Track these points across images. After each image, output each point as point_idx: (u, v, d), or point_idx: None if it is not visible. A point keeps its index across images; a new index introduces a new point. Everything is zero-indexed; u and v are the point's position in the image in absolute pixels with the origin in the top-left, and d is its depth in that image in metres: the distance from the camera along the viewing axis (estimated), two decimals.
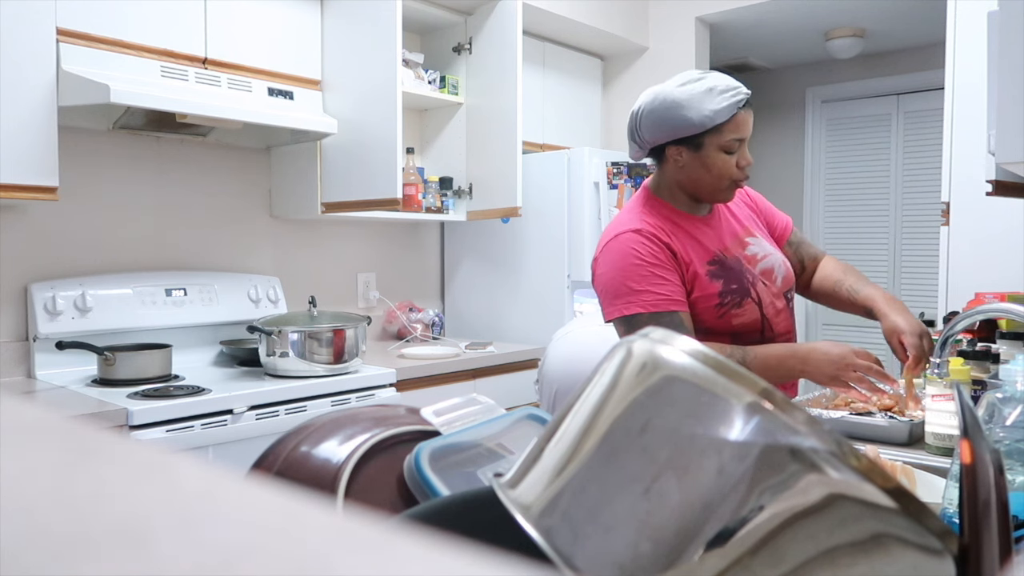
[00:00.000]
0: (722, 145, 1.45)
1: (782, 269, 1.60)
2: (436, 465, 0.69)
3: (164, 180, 2.45)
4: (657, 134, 1.48)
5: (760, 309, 1.51)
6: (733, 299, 1.49)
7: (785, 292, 1.59)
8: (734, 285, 1.50)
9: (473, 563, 0.18)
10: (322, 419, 0.75)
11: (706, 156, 1.46)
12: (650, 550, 0.42)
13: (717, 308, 1.48)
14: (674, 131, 1.46)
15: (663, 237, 1.48)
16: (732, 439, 0.44)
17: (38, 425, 0.25)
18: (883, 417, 1.30)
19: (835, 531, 0.42)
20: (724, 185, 1.50)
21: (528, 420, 0.80)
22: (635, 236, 1.48)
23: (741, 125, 1.44)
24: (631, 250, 1.47)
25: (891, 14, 3.75)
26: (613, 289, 1.48)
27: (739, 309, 1.49)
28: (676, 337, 0.50)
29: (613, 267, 1.49)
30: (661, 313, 1.43)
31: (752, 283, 1.52)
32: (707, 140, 1.45)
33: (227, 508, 0.20)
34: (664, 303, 1.44)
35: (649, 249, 1.46)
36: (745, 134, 1.46)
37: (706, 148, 1.46)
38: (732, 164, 1.47)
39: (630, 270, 1.46)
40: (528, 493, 0.49)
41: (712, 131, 1.43)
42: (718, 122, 1.42)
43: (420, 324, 3.01)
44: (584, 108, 3.69)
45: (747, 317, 1.49)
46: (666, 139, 1.47)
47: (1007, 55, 1.39)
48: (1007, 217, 2.56)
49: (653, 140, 1.49)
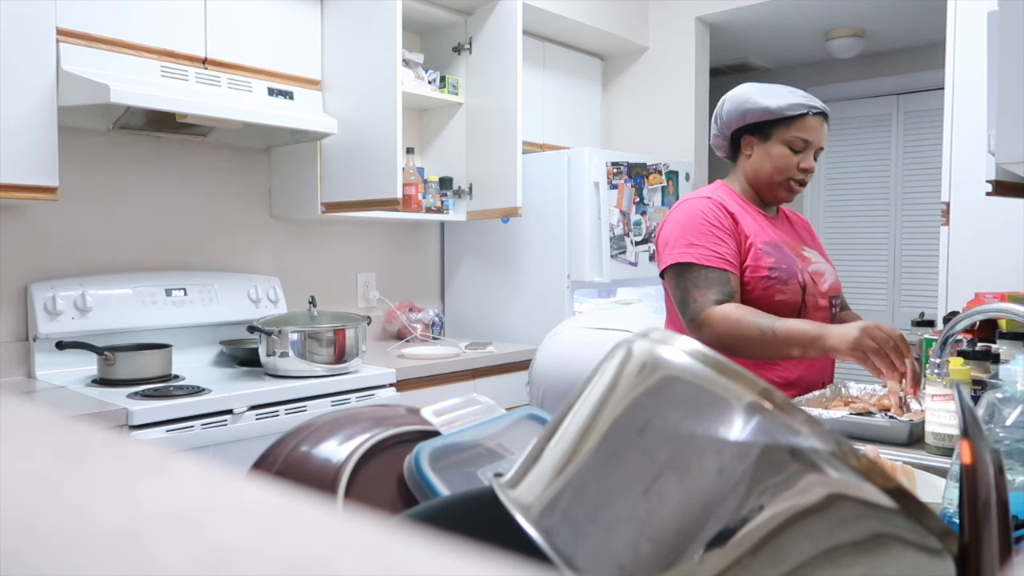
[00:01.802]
0: (787, 140, 1.57)
1: (831, 277, 1.68)
2: (436, 465, 0.69)
3: (164, 180, 2.45)
4: (733, 119, 1.61)
5: (803, 294, 1.58)
6: (781, 276, 1.56)
7: (831, 297, 1.65)
8: (784, 265, 1.58)
9: (473, 563, 0.18)
10: (322, 419, 0.75)
11: (771, 147, 1.59)
12: (650, 550, 0.42)
13: (764, 280, 1.55)
14: (746, 115, 1.59)
15: (730, 208, 1.58)
16: (732, 439, 0.44)
17: (38, 425, 0.25)
18: (883, 417, 1.30)
19: (835, 531, 0.42)
20: (781, 180, 1.60)
21: (528, 420, 0.80)
22: (704, 201, 1.59)
23: (810, 128, 1.57)
24: (698, 211, 1.57)
25: (891, 14, 3.75)
26: (672, 240, 1.57)
27: (784, 286, 1.56)
28: (676, 337, 0.50)
29: (676, 223, 1.58)
30: (711, 268, 1.52)
31: (801, 271, 1.60)
32: (775, 131, 1.58)
33: (227, 508, 0.20)
34: (717, 260, 1.52)
35: (715, 213, 1.56)
36: (811, 137, 1.58)
37: (773, 139, 1.58)
38: (793, 162, 1.59)
39: (693, 226, 1.55)
40: (528, 493, 0.49)
41: (781, 123, 1.56)
42: (787, 114, 1.56)
43: (420, 324, 3.01)
44: (584, 108, 3.69)
45: (789, 295, 1.56)
46: (740, 123, 1.60)
47: (1007, 55, 1.39)
48: (1007, 217, 2.56)
49: (729, 124, 1.62)
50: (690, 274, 1.52)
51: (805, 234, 1.77)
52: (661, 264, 1.59)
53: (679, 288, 1.54)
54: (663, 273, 1.59)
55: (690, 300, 1.51)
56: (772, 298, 1.55)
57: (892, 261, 4.58)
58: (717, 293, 1.49)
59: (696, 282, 1.51)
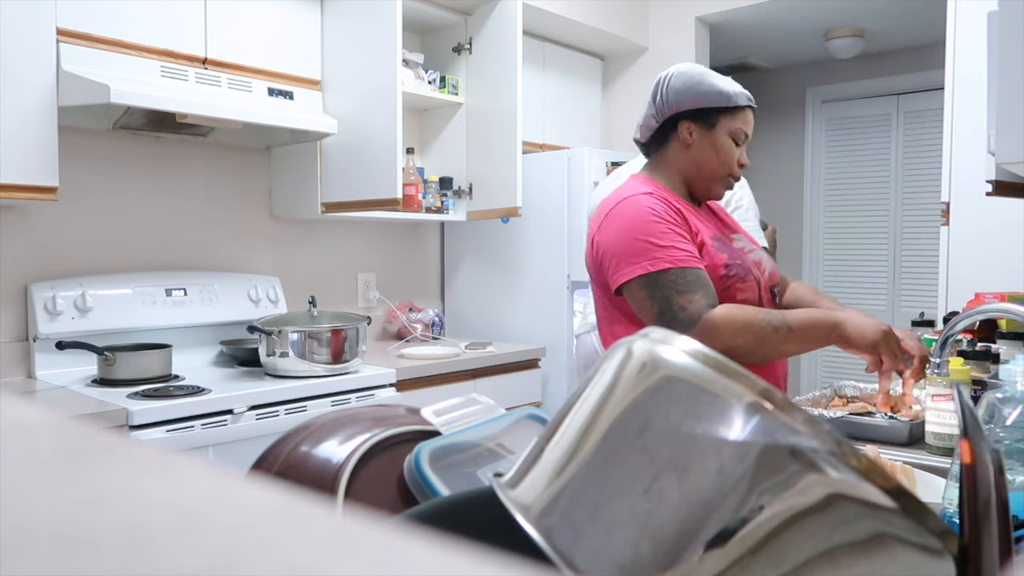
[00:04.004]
0: (732, 131, 1.48)
1: (769, 264, 1.58)
2: (436, 465, 0.69)
3: (164, 180, 2.45)
4: (682, 98, 1.48)
5: (759, 291, 1.48)
6: (738, 273, 1.44)
7: (771, 287, 1.55)
8: (738, 261, 1.46)
9: (473, 563, 0.18)
10: (322, 419, 0.75)
11: (716, 137, 1.48)
12: (650, 550, 0.42)
13: (723, 280, 1.42)
14: (700, 98, 1.47)
15: (673, 202, 1.44)
16: (732, 439, 0.44)
17: (38, 425, 0.25)
18: (883, 417, 1.30)
19: (835, 531, 0.42)
20: (722, 174, 1.50)
21: (528, 420, 0.80)
22: (648, 197, 1.42)
23: (749, 121, 1.50)
24: (647, 209, 1.39)
25: (891, 14, 3.75)
26: (632, 248, 1.37)
27: (743, 284, 1.44)
28: (676, 337, 0.50)
29: (626, 227, 1.39)
30: (688, 269, 1.35)
31: (751, 266, 1.50)
32: (721, 120, 1.48)
33: (227, 508, 0.20)
34: (691, 259, 1.37)
35: (664, 208, 1.40)
36: (750, 131, 1.51)
37: (718, 129, 1.48)
38: (735, 156, 1.50)
39: (649, 226, 1.37)
40: (528, 493, 0.49)
41: (729, 112, 1.47)
42: (737, 104, 1.47)
43: (420, 324, 3.01)
44: (584, 108, 3.69)
45: (749, 294, 1.45)
46: (688, 106, 1.48)
47: (1007, 55, 1.39)
48: (1007, 217, 2.56)
49: (676, 105, 1.48)
50: (665, 280, 1.34)
51: (727, 219, 1.65)
52: (620, 277, 1.38)
53: (654, 299, 1.34)
54: (621, 288, 1.40)
55: (676, 308, 1.33)
56: (733, 297, 1.42)
57: (892, 261, 4.58)
58: (704, 295, 1.34)
59: (676, 287, 1.34)
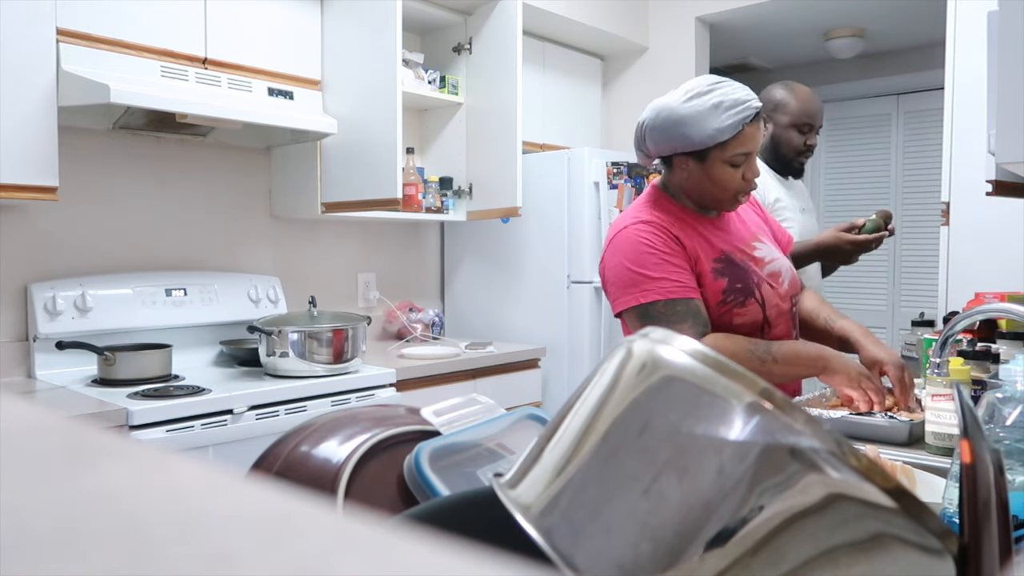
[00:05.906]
0: (727, 159, 1.44)
1: (789, 274, 1.60)
2: (436, 465, 0.69)
3: (164, 180, 2.45)
4: (662, 147, 1.49)
5: (763, 311, 1.50)
6: (736, 298, 1.47)
7: (791, 296, 1.58)
8: (739, 284, 1.49)
9: (473, 563, 0.18)
10: (322, 419, 0.75)
11: (711, 169, 1.45)
12: (650, 550, 0.42)
13: (719, 306, 1.47)
14: (676, 147, 1.47)
15: (672, 230, 1.47)
16: (732, 439, 0.44)
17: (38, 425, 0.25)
18: (883, 417, 1.30)
19: (835, 531, 0.42)
20: (728, 197, 1.49)
21: (528, 420, 0.80)
22: (645, 227, 1.47)
23: (748, 140, 1.43)
24: (642, 239, 1.45)
25: (891, 14, 3.75)
26: (626, 279, 1.45)
27: (742, 308, 1.47)
28: (676, 337, 0.50)
29: (623, 257, 1.46)
30: (677, 300, 1.41)
31: (758, 284, 1.52)
32: (712, 154, 1.44)
33: (227, 508, 0.20)
34: (680, 290, 1.42)
35: (660, 238, 1.45)
36: (752, 148, 1.45)
37: (711, 161, 1.45)
38: (738, 177, 1.46)
39: (643, 258, 1.44)
40: (528, 493, 0.49)
41: (717, 147, 1.43)
42: (721, 140, 1.41)
43: (420, 324, 3.01)
44: (584, 108, 3.69)
45: (748, 317, 1.48)
46: (670, 152, 1.49)
47: (1007, 55, 1.39)
48: (1007, 217, 2.56)
49: (658, 152, 1.51)
50: (655, 311, 1.41)
51: (752, 221, 1.65)
52: (617, 306, 1.47)
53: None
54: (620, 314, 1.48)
55: None
56: (731, 321, 1.46)
57: (892, 261, 4.58)
58: (693, 325, 1.40)
59: (666, 318, 1.40)
